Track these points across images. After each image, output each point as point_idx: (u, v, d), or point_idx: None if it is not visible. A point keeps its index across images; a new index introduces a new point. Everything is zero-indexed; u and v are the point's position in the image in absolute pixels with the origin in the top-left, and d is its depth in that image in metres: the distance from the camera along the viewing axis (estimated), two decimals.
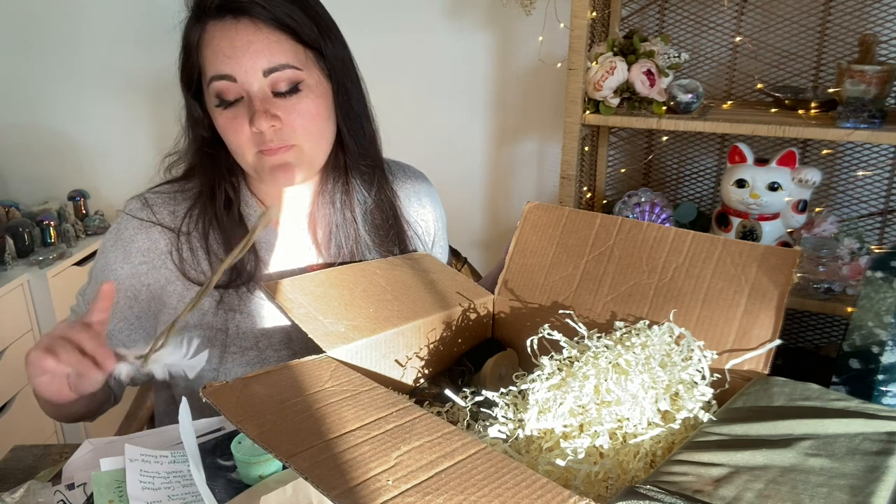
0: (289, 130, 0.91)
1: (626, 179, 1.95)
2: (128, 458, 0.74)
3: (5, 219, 2.10)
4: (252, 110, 0.88)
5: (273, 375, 0.71)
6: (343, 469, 0.55)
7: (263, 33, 0.88)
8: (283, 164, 0.92)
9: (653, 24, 1.79)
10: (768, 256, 0.77)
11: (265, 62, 0.88)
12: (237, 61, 0.87)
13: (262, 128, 0.88)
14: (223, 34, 0.88)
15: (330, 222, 1.01)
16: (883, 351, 0.75)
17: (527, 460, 0.65)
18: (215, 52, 0.88)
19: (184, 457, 0.77)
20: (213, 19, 0.89)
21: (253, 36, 0.87)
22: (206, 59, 0.90)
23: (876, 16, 1.59)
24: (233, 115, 0.90)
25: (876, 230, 1.72)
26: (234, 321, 0.96)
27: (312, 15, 0.92)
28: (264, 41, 0.88)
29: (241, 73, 0.88)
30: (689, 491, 0.52)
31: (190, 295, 0.97)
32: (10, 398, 1.95)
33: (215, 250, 0.97)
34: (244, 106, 0.89)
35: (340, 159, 1.00)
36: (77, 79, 2.28)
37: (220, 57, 0.88)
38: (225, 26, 0.88)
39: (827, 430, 0.60)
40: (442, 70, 2.03)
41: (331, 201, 1.00)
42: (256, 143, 0.91)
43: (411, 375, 0.87)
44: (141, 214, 0.98)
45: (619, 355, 0.69)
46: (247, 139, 0.91)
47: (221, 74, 0.88)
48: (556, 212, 0.93)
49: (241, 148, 0.92)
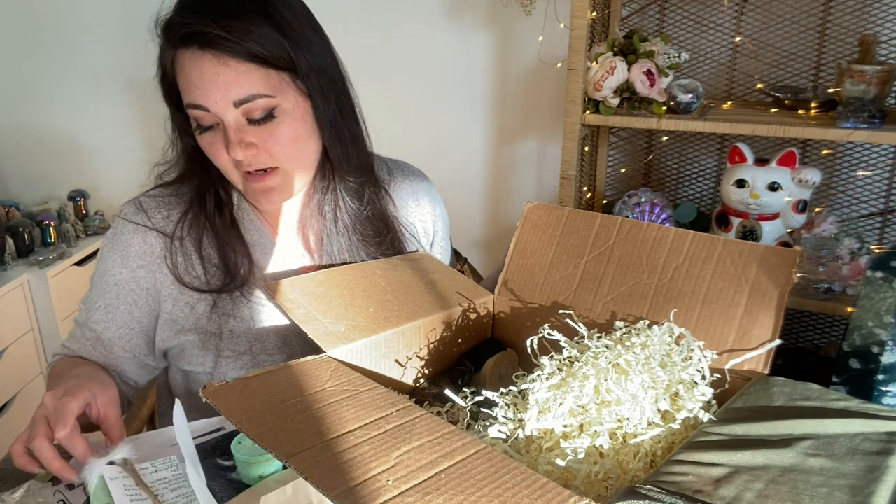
0: (266, 156, 0.90)
1: (626, 179, 1.95)
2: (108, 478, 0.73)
3: (5, 219, 2.10)
4: (227, 140, 0.88)
5: (273, 375, 0.71)
6: (343, 469, 0.55)
7: (230, 66, 0.85)
8: (267, 188, 0.92)
9: (653, 24, 1.79)
10: (768, 256, 0.77)
11: (234, 94, 0.85)
12: (206, 93, 0.85)
13: (238, 157, 0.88)
14: (192, 64, 0.86)
15: (320, 230, 1.01)
16: (883, 351, 0.75)
17: (527, 460, 0.65)
18: (186, 81, 0.87)
19: (165, 464, 0.77)
20: (181, 48, 0.86)
21: (220, 69, 0.84)
22: (180, 84, 0.89)
23: (876, 16, 1.59)
24: (211, 140, 0.90)
25: (876, 230, 1.72)
26: (227, 325, 0.96)
27: (284, 27, 0.87)
28: (232, 73, 0.85)
29: (211, 104, 0.86)
30: (689, 491, 0.52)
31: (184, 299, 0.96)
32: (10, 398, 1.95)
33: (209, 255, 0.97)
34: (221, 132, 0.89)
35: (328, 171, 0.99)
36: (77, 79, 2.28)
37: (191, 87, 0.86)
38: (193, 56, 0.85)
39: (827, 430, 0.60)
40: (442, 70, 2.03)
41: (320, 212, 1.00)
42: (240, 165, 0.91)
43: (411, 375, 0.87)
44: (136, 219, 0.98)
45: (619, 355, 0.69)
46: (228, 162, 0.91)
47: (194, 104, 0.87)
48: (556, 212, 0.93)
49: (224, 169, 0.93)
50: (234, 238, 0.97)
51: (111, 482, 0.73)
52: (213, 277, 0.96)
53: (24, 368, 2.01)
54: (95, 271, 1.00)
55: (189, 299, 0.96)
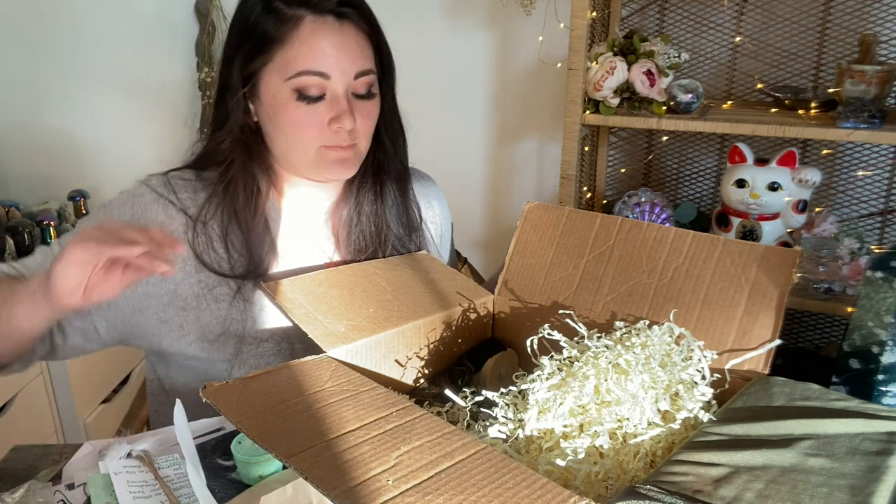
0: (355, 131, 0.95)
1: (626, 179, 1.95)
2: (112, 472, 0.73)
3: (5, 219, 2.10)
4: (340, 109, 0.92)
5: (273, 375, 0.71)
6: (343, 469, 0.55)
7: (358, 39, 0.93)
8: (345, 159, 0.96)
9: (653, 24, 1.79)
10: (768, 256, 0.77)
11: (357, 66, 0.92)
12: (335, 61, 0.90)
13: (347, 127, 0.92)
14: (325, 33, 0.90)
15: (352, 217, 1.03)
16: (883, 351, 0.75)
17: (527, 460, 0.65)
18: (312, 48, 0.90)
19: (168, 462, 0.77)
20: (313, 15, 0.90)
21: (353, 40, 0.92)
22: (296, 53, 0.90)
23: (876, 16, 1.59)
24: (312, 111, 0.92)
25: (876, 230, 1.72)
26: (250, 312, 0.95)
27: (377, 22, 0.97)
28: (357, 47, 0.93)
29: (336, 72, 0.91)
30: (689, 491, 0.52)
31: (199, 278, 0.94)
32: (10, 398, 1.95)
33: (233, 241, 0.96)
34: (326, 103, 0.92)
35: (375, 158, 1.03)
36: (77, 79, 2.28)
37: (316, 53, 0.90)
38: (326, 25, 0.90)
39: (827, 430, 0.60)
40: (442, 70, 2.03)
41: (356, 199, 1.03)
42: (325, 138, 0.93)
43: (411, 375, 0.87)
44: (161, 190, 0.96)
45: (619, 355, 0.69)
46: (317, 134, 0.93)
47: (316, 71, 0.90)
48: (556, 212, 0.93)
49: (308, 140, 0.94)
50: (262, 228, 0.98)
51: (115, 476, 0.73)
52: (237, 264, 0.95)
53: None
54: (89, 217, 0.95)
55: (206, 280, 0.95)
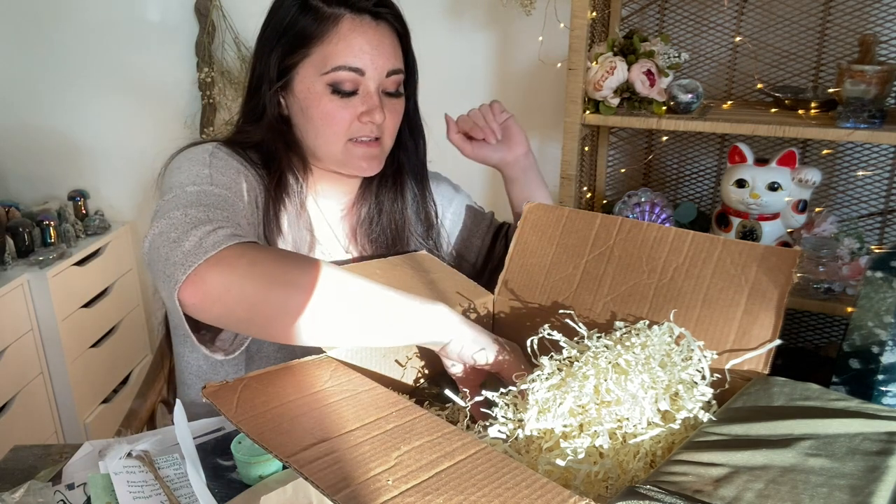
0: (382, 126, 0.99)
1: (626, 179, 1.95)
2: (112, 472, 0.73)
3: (5, 219, 2.09)
4: (372, 104, 0.96)
5: (273, 375, 0.71)
6: (343, 469, 0.55)
7: (391, 39, 0.98)
8: (371, 155, 0.99)
9: (653, 24, 1.79)
10: (768, 256, 0.77)
11: (390, 64, 0.97)
12: (371, 58, 0.95)
13: (378, 121, 0.96)
14: (362, 31, 0.95)
15: (372, 215, 1.07)
16: (883, 351, 0.75)
17: (527, 460, 0.65)
18: (350, 45, 0.94)
19: (168, 462, 0.77)
20: (352, 14, 0.95)
21: (387, 39, 0.97)
22: (334, 49, 0.94)
23: (876, 16, 1.59)
24: (345, 105, 0.96)
25: (876, 230, 1.72)
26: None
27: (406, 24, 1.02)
28: (391, 47, 0.98)
29: (371, 69, 0.95)
30: (689, 491, 0.52)
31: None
32: (10, 398, 1.95)
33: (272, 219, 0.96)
34: (359, 98, 0.96)
35: (396, 157, 1.07)
36: (77, 79, 2.28)
37: (354, 50, 0.94)
38: (364, 23, 0.95)
39: (827, 430, 0.60)
40: (442, 70, 2.03)
41: (377, 197, 1.07)
42: (352, 132, 0.97)
43: (411, 375, 0.87)
44: (236, 158, 0.95)
45: (619, 355, 0.69)
46: (345, 128, 0.97)
47: (352, 67, 0.94)
48: (556, 212, 0.93)
49: (337, 134, 0.97)
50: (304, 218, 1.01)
51: (115, 476, 0.73)
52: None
53: (24, 368, 2.01)
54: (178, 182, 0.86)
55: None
